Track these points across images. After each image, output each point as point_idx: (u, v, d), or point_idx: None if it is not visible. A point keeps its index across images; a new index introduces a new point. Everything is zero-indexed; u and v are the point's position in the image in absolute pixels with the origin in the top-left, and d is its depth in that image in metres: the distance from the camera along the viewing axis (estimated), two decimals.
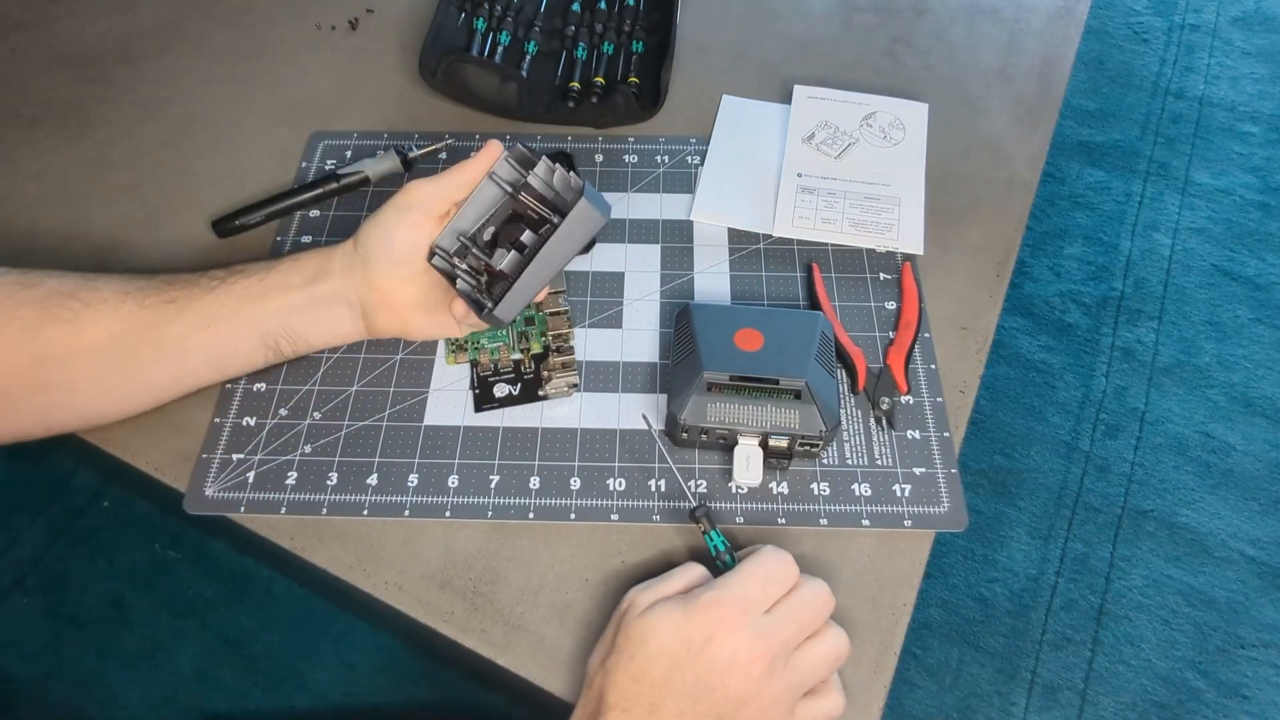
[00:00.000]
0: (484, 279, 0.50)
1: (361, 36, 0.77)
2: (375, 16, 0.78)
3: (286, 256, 0.52)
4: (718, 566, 0.46)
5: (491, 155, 0.50)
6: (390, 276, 0.51)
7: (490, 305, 0.49)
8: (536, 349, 0.57)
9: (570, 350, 0.56)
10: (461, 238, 0.50)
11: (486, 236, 0.51)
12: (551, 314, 0.57)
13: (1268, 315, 1.39)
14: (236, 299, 0.50)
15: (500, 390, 0.55)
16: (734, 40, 0.76)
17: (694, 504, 0.48)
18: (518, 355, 0.56)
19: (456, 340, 0.57)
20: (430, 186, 0.50)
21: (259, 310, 0.50)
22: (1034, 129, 0.71)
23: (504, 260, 0.49)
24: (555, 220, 0.49)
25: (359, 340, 0.55)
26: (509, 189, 0.51)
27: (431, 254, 0.50)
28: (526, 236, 0.49)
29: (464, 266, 0.50)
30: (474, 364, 0.56)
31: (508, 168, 0.50)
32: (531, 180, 0.50)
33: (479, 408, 0.54)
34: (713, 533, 0.47)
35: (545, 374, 0.55)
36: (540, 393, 0.55)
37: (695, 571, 0.44)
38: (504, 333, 0.57)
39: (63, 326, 0.47)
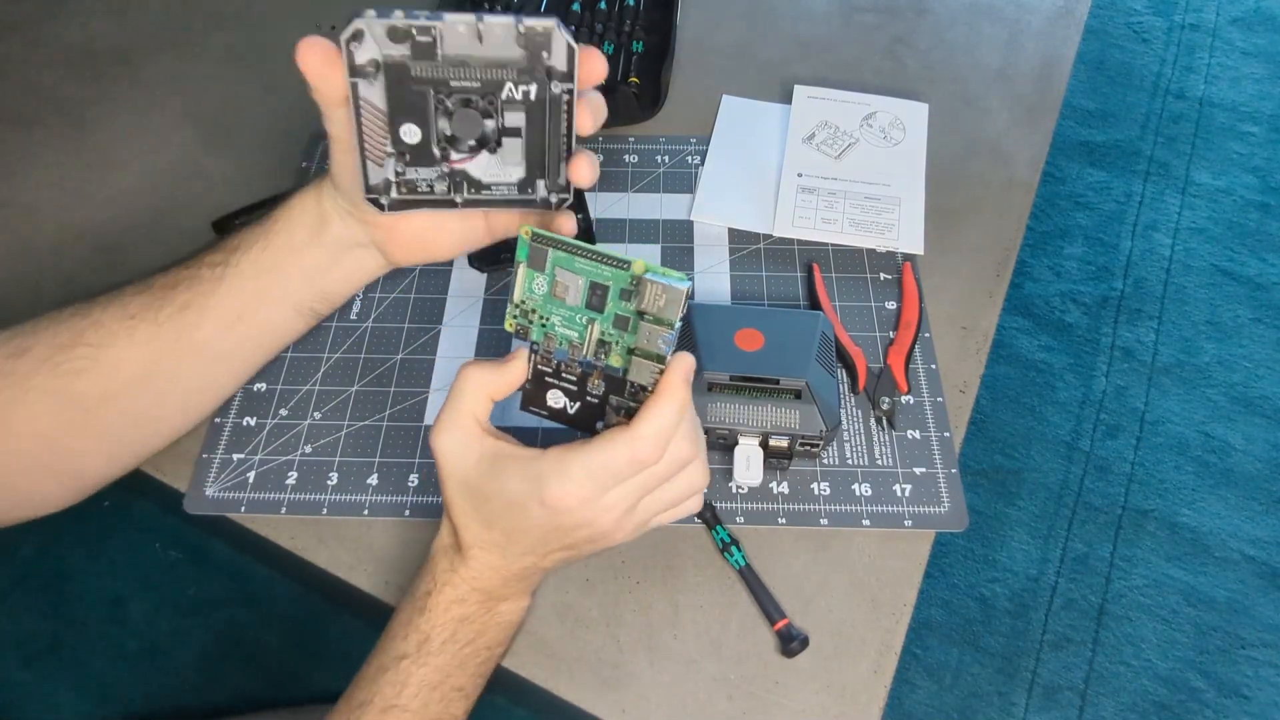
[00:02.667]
0: (460, 180, 0.40)
1: None
2: None
3: (274, 217, 0.45)
4: (725, 557, 0.49)
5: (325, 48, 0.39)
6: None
7: (554, 191, 0.40)
8: (618, 363, 0.40)
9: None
10: (396, 160, 0.39)
11: (412, 140, 0.38)
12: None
13: (1268, 315, 1.39)
14: (253, 280, 0.45)
15: (555, 400, 0.42)
16: (734, 40, 0.76)
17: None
18: (590, 358, 0.40)
19: (521, 304, 0.40)
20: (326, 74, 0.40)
21: (280, 283, 0.46)
22: (1034, 129, 0.71)
23: (509, 148, 0.39)
24: (518, 79, 0.38)
25: (386, 272, 0.48)
26: (392, 75, 0.37)
27: (375, 201, 0.40)
28: (512, 115, 0.39)
29: (431, 179, 0.40)
30: (534, 347, 0.41)
31: (377, 45, 0.37)
32: (448, 48, 0.36)
33: (525, 406, 0.43)
34: (719, 528, 0.50)
35: (611, 409, 0.41)
36: (598, 425, 0.42)
37: None
38: (582, 324, 0.40)
39: (84, 377, 0.43)
